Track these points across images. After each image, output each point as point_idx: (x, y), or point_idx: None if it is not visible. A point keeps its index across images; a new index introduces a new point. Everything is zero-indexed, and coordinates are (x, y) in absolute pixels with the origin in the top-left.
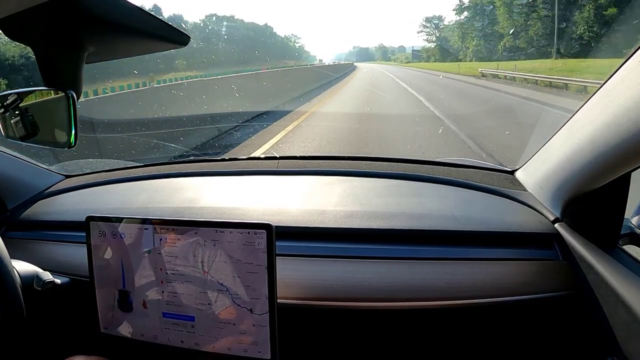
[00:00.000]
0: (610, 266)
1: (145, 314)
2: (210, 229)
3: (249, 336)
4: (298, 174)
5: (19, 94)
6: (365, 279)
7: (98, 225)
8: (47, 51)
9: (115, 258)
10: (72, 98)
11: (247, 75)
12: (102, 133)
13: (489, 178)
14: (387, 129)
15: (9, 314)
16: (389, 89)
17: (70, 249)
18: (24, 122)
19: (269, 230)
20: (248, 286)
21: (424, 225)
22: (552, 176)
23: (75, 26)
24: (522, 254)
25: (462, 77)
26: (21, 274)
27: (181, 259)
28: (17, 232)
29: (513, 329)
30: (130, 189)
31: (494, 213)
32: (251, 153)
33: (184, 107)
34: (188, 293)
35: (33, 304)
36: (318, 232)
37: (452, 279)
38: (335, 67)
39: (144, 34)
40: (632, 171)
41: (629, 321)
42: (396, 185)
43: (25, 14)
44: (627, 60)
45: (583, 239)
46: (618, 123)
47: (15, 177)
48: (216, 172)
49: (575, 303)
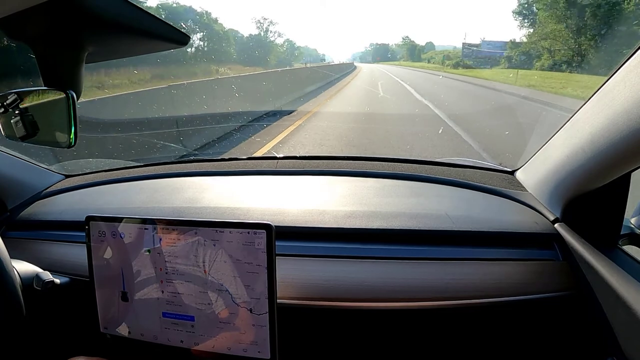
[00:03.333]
0: (610, 266)
1: (145, 314)
2: (210, 229)
3: (249, 336)
4: (298, 174)
5: (19, 93)
6: (365, 279)
7: (98, 225)
8: (47, 51)
9: (115, 258)
10: (72, 98)
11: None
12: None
13: (489, 178)
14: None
15: (9, 314)
16: None
17: (70, 248)
18: (24, 122)
19: (269, 230)
20: (248, 286)
21: (423, 225)
22: (552, 176)
23: (75, 26)
24: (522, 254)
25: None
26: (21, 273)
27: (181, 258)
28: (17, 232)
29: (513, 329)
30: (130, 188)
31: (494, 213)
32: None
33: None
34: (188, 293)
35: (33, 304)
36: (318, 232)
37: (452, 279)
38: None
39: (144, 34)
40: (632, 171)
41: (629, 321)
42: (396, 185)
43: (25, 14)
44: (627, 60)
45: (583, 239)
46: (618, 123)
47: (15, 177)
48: (216, 172)
49: (575, 303)
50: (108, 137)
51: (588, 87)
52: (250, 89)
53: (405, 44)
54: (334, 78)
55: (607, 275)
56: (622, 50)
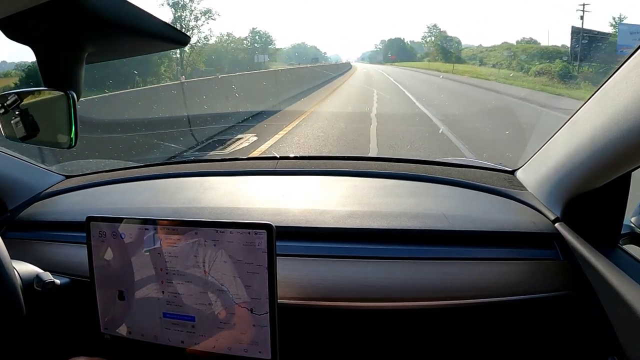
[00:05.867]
0: (610, 266)
1: (146, 314)
2: (210, 229)
3: (249, 336)
4: (298, 174)
5: (19, 94)
6: (365, 279)
7: (98, 226)
8: (47, 51)
9: (115, 258)
10: (72, 98)
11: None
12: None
13: (489, 178)
14: None
15: (9, 314)
16: None
17: (70, 249)
18: (24, 122)
19: (269, 230)
20: (248, 286)
21: (424, 225)
22: (553, 176)
23: (76, 26)
24: (523, 254)
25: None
26: (21, 274)
27: (181, 259)
28: (18, 233)
29: (513, 328)
30: (130, 189)
31: (494, 213)
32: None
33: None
34: (188, 293)
35: (33, 304)
36: (318, 232)
37: (452, 278)
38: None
39: (144, 34)
40: (632, 171)
41: (629, 321)
42: (396, 185)
43: (25, 14)
44: (627, 60)
45: (583, 238)
46: (618, 122)
47: (15, 177)
48: (216, 172)
49: (575, 303)
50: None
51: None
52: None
53: (438, 33)
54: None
55: (607, 274)
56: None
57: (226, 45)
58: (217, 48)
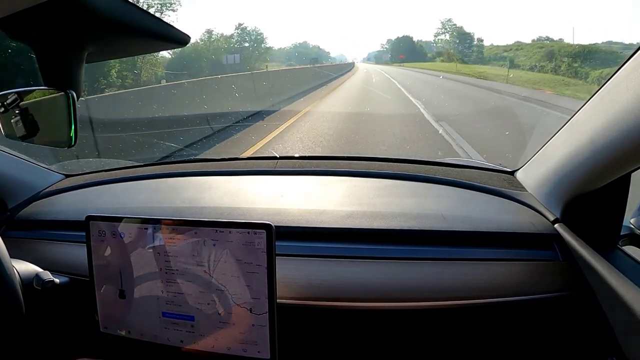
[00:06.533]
0: (609, 267)
1: (145, 314)
2: (210, 229)
3: (249, 336)
4: (298, 173)
5: (19, 93)
6: (365, 279)
7: (98, 225)
8: (47, 51)
9: (115, 257)
10: (72, 98)
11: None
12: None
13: (488, 178)
14: None
15: (9, 314)
16: None
17: (70, 248)
18: (24, 121)
19: (269, 230)
20: (248, 286)
21: (423, 225)
22: (552, 177)
23: (76, 26)
24: (522, 255)
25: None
26: (21, 273)
27: (181, 258)
28: (17, 232)
29: (513, 329)
30: (130, 188)
31: (493, 213)
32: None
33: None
34: (188, 293)
35: (33, 304)
36: (318, 232)
37: (452, 279)
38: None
39: (144, 34)
40: (632, 172)
41: (629, 322)
42: (396, 185)
43: (25, 13)
44: (627, 61)
45: (583, 239)
46: (618, 123)
47: (15, 176)
48: (216, 172)
49: (575, 303)
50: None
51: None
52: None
53: (444, 32)
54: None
55: (607, 275)
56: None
57: (206, 45)
58: (188, 48)
